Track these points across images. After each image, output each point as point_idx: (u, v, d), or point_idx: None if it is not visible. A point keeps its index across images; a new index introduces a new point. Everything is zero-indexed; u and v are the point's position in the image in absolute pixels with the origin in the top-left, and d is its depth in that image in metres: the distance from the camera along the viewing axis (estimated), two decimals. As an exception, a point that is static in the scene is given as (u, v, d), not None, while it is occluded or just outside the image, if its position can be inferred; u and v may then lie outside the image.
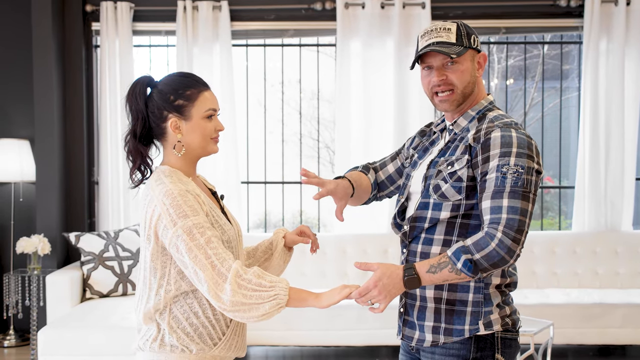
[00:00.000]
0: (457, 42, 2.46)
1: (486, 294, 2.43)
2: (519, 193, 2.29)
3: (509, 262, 2.28)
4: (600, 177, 6.35)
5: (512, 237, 2.26)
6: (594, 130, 6.34)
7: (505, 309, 2.46)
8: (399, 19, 6.30)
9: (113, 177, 6.43)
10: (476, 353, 2.43)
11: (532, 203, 2.33)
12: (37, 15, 6.15)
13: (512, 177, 2.31)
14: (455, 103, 2.50)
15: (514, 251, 2.27)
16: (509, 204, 2.28)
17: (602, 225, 6.36)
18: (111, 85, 6.40)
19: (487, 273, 2.30)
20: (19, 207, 6.50)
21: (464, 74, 2.47)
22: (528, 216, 2.30)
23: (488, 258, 2.26)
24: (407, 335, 2.54)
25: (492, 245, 2.26)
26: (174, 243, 2.29)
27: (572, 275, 6.24)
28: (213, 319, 2.41)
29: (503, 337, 2.45)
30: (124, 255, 5.89)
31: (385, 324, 5.52)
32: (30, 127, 6.51)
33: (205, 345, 2.40)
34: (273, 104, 8.87)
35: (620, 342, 5.69)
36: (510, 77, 11.79)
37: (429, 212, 2.46)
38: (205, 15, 6.34)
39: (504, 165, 2.32)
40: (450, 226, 2.44)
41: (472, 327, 2.43)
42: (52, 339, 5.06)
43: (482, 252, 2.27)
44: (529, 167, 2.33)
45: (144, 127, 2.45)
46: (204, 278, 2.26)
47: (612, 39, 6.32)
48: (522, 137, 2.38)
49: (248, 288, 2.26)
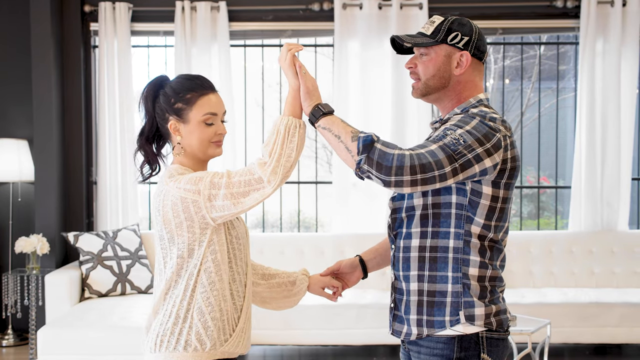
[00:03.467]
0: (431, 34, 2.48)
1: (465, 284, 2.40)
2: (447, 150, 2.27)
3: (389, 177, 2.23)
4: (597, 177, 6.38)
5: (411, 167, 2.22)
6: (590, 130, 6.38)
7: (491, 307, 2.43)
8: (397, 20, 6.33)
9: (111, 177, 6.45)
10: (460, 352, 2.41)
11: (453, 172, 2.27)
12: (36, 15, 6.17)
13: (451, 139, 2.29)
14: (418, 92, 2.54)
15: (401, 174, 2.22)
16: (433, 149, 2.27)
17: (598, 225, 6.40)
18: (109, 85, 6.42)
19: (368, 167, 2.25)
20: (18, 207, 6.52)
21: (428, 67, 2.49)
22: (437, 169, 2.24)
23: (382, 155, 2.24)
24: (396, 329, 2.56)
25: (395, 151, 2.24)
26: (209, 206, 2.35)
27: (569, 275, 6.27)
28: (225, 314, 2.44)
29: (489, 336, 2.43)
30: (123, 254, 5.91)
31: (383, 323, 5.52)
32: (29, 127, 6.53)
33: (217, 340, 2.42)
34: (271, 104, 8.89)
35: (617, 341, 5.73)
36: (507, 77, 11.82)
37: (404, 201, 2.50)
38: (204, 16, 6.37)
39: (449, 129, 2.33)
40: (425, 218, 2.44)
41: (452, 317, 2.40)
42: (51, 338, 5.08)
43: (386, 147, 2.26)
44: (471, 146, 2.29)
45: (152, 127, 2.54)
46: (251, 191, 2.34)
47: (608, 39, 6.35)
48: (484, 125, 2.35)
49: (270, 155, 2.33)
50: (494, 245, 2.44)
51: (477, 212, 2.39)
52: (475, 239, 2.40)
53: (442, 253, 2.42)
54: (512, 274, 6.25)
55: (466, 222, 2.39)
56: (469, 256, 2.40)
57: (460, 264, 2.40)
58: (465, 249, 2.40)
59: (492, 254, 2.44)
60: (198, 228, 2.39)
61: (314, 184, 7.27)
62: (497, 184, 2.39)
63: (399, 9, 6.34)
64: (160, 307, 2.46)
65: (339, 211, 6.50)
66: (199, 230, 2.40)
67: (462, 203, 2.39)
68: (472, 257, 2.41)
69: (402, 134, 6.35)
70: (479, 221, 2.39)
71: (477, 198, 2.38)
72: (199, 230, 2.40)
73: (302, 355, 6.13)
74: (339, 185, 6.49)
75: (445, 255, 2.41)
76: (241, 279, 2.52)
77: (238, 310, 2.49)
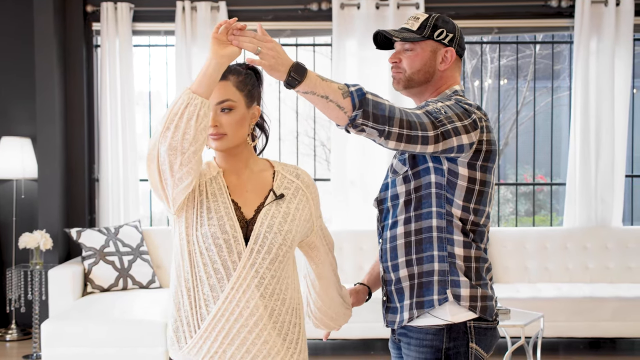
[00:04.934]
0: (417, 30, 2.55)
1: (451, 263, 2.45)
2: (431, 119, 2.33)
3: (390, 128, 2.27)
4: (591, 174, 6.47)
5: (400, 118, 2.27)
6: (585, 128, 6.46)
7: (478, 289, 2.46)
8: (394, 19, 6.42)
9: (113, 175, 6.54)
10: (449, 343, 2.45)
11: (434, 140, 2.31)
12: (39, 15, 6.26)
13: (433, 108, 2.36)
14: (401, 83, 2.60)
15: (392, 121, 2.26)
16: (417, 112, 2.34)
17: (592, 221, 6.48)
18: (111, 84, 6.51)
19: (363, 121, 2.25)
20: (21, 204, 6.61)
21: (414, 61, 2.56)
22: (420, 129, 2.29)
23: (377, 105, 2.27)
24: (390, 320, 2.61)
25: (387, 102, 2.30)
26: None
27: (563, 270, 6.36)
28: (184, 316, 2.31)
29: (477, 326, 2.47)
30: (124, 250, 6.00)
31: (381, 317, 5.60)
32: (31, 125, 6.62)
33: (175, 341, 2.32)
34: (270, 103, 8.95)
35: (610, 335, 5.82)
36: (503, 76, 11.91)
37: (388, 191, 2.57)
38: (204, 16, 6.46)
39: (429, 102, 2.41)
40: (408, 203, 2.50)
41: (440, 296, 2.44)
42: (55, 331, 5.16)
43: (377, 97, 2.29)
44: (452, 119, 2.35)
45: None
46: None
47: (602, 38, 6.44)
48: (458, 104, 2.42)
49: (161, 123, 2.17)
50: (476, 228, 2.49)
51: (455, 193, 2.44)
52: (457, 220, 2.45)
53: (427, 233, 2.47)
54: (507, 270, 6.33)
55: (446, 202, 2.45)
56: (453, 235, 2.46)
57: (445, 242, 2.46)
58: (448, 228, 2.46)
59: (474, 235, 2.49)
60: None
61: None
62: (472, 166, 2.44)
63: (396, 8, 6.43)
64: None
65: (337, 206, 6.60)
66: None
67: (441, 182, 2.45)
68: (456, 237, 2.46)
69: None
70: (458, 203, 2.44)
71: (454, 179, 2.44)
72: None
73: (301, 349, 6.19)
74: (338, 182, 6.58)
75: (430, 235, 2.46)
76: (220, 284, 2.27)
77: (201, 316, 2.27)
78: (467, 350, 2.46)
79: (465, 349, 2.46)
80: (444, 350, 2.45)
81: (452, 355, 2.45)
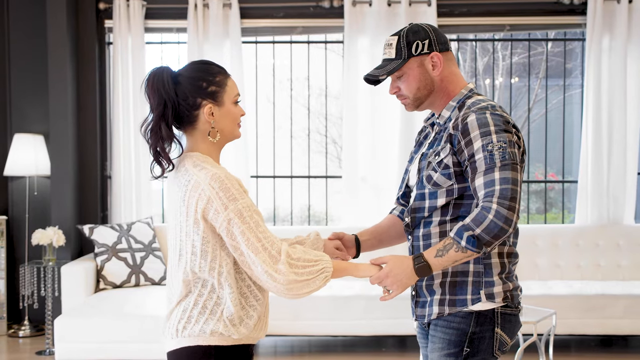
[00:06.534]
0: (396, 56, 2.62)
1: (486, 264, 2.55)
2: (509, 165, 2.44)
3: (509, 231, 2.40)
4: (603, 171, 6.45)
5: (507, 206, 2.39)
6: (597, 125, 6.45)
7: (509, 284, 2.57)
8: (406, 16, 6.41)
9: (125, 172, 6.56)
10: (475, 327, 2.55)
11: (521, 172, 2.49)
12: (52, 12, 6.28)
13: (498, 152, 2.45)
14: (411, 106, 2.70)
15: (511, 220, 2.39)
16: (501, 176, 2.42)
17: (604, 218, 6.47)
18: (123, 81, 6.53)
19: (491, 246, 2.42)
20: (34, 201, 6.64)
21: (411, 84, 2.64)
22: (519, 185, 2.44)
23: (488, 230, 2.39)
24: (419, 314, 2.68)
25: (489, 217, 2.38)
26: (224, 227, 2.33)
27: (575, 268, 6.35)
28: (254, 301, 2.45)
29: (503, 312, 2.57)
30: (137, 247, 6.02)
31: (392, 314, 5.63)
32: (44, 123, 6.65)
33: (242, 328, 2.41)
34: (282, 100, 8.98)
35: (622, 333, 5.80)
36: (515, 74, 11.89)
37: (426, 202, 2.61)
38: (216, 13, 6.47)
39: (488, 144, 2.47)
40: (445, 208, 2.58)
41: (473, 296, 2.54)
42: (68, 327, 5.20)
43: (482, 225, 2.39)
44: (510, 140, 2.48)
45: (173, 115, 2.45)
46: (257, 261, 2.32)
47: (615, 36, 6.42)
48: (496, 116, 2.51)
49: (299, 266, 2.36)
50: None
51: None
52: None
53: None
54: (518, 267, 6.29)
55: None
56: None
57: None
58: None
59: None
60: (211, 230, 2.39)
61: (324, 178, 7.40)
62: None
63: (408, 5, 6.42)
64: (184, 297, 2.44)
65: (349, 203, 6.60)
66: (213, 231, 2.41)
67: None
68: None
69: (411, 131, 6.43)
70: None
71: None
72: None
73: (312, 346, 6.22)
74: (349, 179, 6.58)
75: None
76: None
77: (260, 299, 2.47)
78: (492, 335, 2.56)
79: (490, 334, 2.56)
80: (469, 334, 2.56)
81: (477, 340, 2.56)
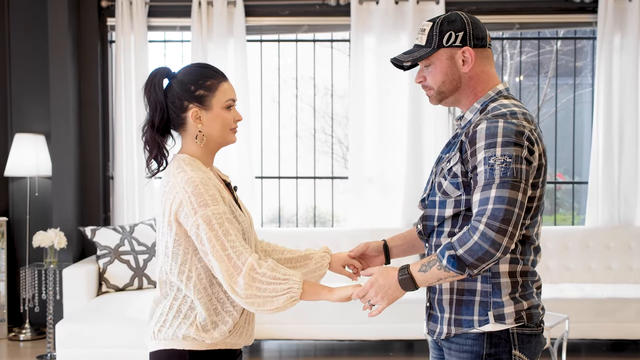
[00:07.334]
0: (426, 44, 2.47)
1: (495, 283, 2.37)
2: (509, 183, 2.22)
3: (496, 255, 2.20)
4: (614, 172, 6.36)
5: (497, 228, 2.18)
6: (608, 125, 6.35)
7: (522, 303, 2.38)
8: (413, 15, 6.31)
9: (128, 172, 6.47)
10: (490, 349, 2.37)
11: (524, 193, 2.24)
12: (53, 10, 6.19)
13: (500, 167, 2.24)
14: (434, 99, 2.54)
15: (500, 243, 2.18)
16: (497, 194, 2.22)
17: (615, 220, 6.37)
18: (126, 80, 6.44)
19: (477, 269, 2.23)
20: (35, 202, 6.55)
21: (436, 75, 2.48)
22: (518, 206, 2.21)
23: (472, 252, 2.21)
24: (430, 329, 2.54)
25: (474, 239, 2.20)
26: (194, 231, 2.33)
27: (586, 270, 6.26)
28: (231, 306, 2.43)
29: (520, 333, 2.38)
30: (140, 249, 5.93)
31: (399, 318, 5.54)
32: (46, 122, 6.56)
33: (216, 334, 2.40)
34: (287, 100, 8.89)
35: (634, 337, 5.70)
36: (524, 72, 11.78)
37: (436, 210, 2.47)
38: (220, 11, 6.37)
39: (490, 157, 2.26)
40: (455, 219, 2.42)
41: (481, 317, 2.37)
42: (70, 331, 5.11)
43: (465, 246, 2.21)
44: (517, 155, 2.25)
45: (163, 118, 2.47)
46: (219, 269, 2.30)
47: (626, 34, 6.33)
48: (510, 126, 2.29)
49: (262, 281, 2.30)
50: (525, 240, 2.39)
51: None
52: None
53: None
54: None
55: None
56: None
57: None
58: None
59: (523, 248, 2.39)
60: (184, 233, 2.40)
61: (330, 179, 7.30)
62: (534, 185, 2.35)
63: (416, 3, 6.32)
64: (162, 299, 2.48)
65: (355, 204, 6.50)
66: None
67: None
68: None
69: (419, 129, 6.34)
70: None
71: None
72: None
73: (318, 350, 6.14)
74: (355, 180, 6.49)
75: None
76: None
77: (237, 305, 2.44)
78: (510, 357, 2.38)
79: (508, 356, 2.38)
80: (485, 357, 2.38)
81: None
